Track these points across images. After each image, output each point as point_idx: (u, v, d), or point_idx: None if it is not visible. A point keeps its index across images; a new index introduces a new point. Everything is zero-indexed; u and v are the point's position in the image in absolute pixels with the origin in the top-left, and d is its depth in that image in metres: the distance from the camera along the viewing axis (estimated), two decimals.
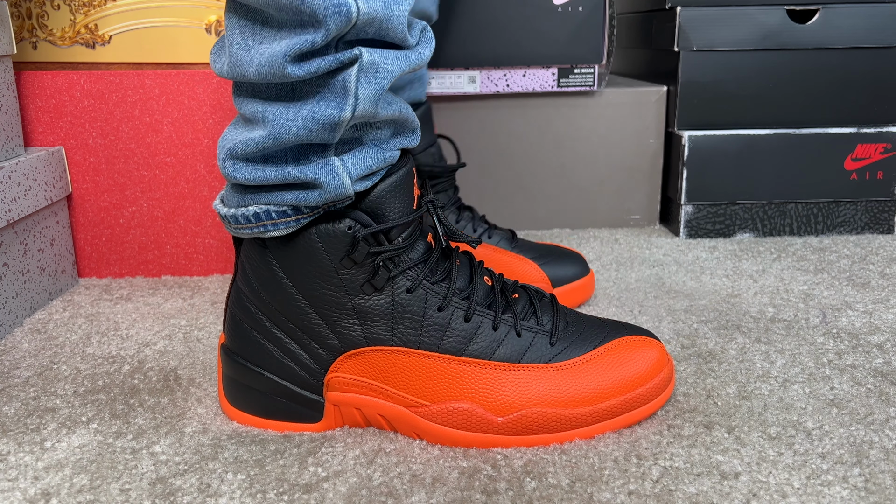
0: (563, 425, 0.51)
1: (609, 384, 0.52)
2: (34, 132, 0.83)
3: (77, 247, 0.87)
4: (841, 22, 0.96)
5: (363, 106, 0.47)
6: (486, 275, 0.56)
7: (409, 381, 0.52)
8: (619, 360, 0.53)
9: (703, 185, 0.99)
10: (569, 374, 0.52)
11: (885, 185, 0.99)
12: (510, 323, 0.53)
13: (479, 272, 0.55)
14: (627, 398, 0.52)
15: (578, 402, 0.52)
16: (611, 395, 0.52)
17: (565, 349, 0.53)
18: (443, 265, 0.54)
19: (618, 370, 0.53)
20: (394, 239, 0.51)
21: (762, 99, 0.99)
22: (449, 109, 1.01)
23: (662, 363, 0.54)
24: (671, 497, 0.46)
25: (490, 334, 0.52)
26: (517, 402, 0.51)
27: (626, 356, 0.53)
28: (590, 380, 0.52)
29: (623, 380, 0.53)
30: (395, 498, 0.46)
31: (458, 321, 0.52)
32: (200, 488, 0.47)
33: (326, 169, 0.48)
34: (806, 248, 0.95)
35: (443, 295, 0.52)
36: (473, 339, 0.52)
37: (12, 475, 0.49)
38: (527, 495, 0.46)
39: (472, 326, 0.52)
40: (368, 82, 0.46)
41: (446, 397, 0.52)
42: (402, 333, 0.52)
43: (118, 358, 0.66)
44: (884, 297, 0.78)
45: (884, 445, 0.51)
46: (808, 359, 0.64)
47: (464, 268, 0.55)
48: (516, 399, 0.51)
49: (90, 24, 0.83)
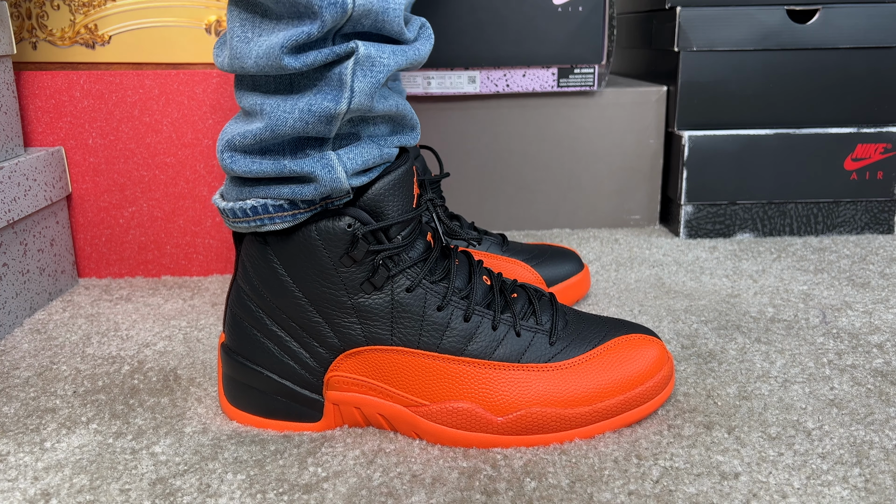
0: (563, 425, 0.51)
1: (608, 383, 0.52)
2: (34, 132, 0.83)
3: (77, 247, 0.87)
4: (841, 22, 0.96)
5: (359, 99, 0.47)
6: (485, 274, 0.56)
7: (408, 381, 0.52)
8: (618, 359, 0.53)
9: (703, 185, 0.99)
10: (568, 374, 0.52)
11: (885, 185, 0.99)
12: (509, 322, 0.53)
13: (477, 271, 0.55)
14: (627, 397, 0.52)
15: (578, 402, 0.52)
16: (610, 394, 0.52)
17: (564, 349, 0.53)
18: (442, 264, 0.54)
19: (617, 369, 0.53)
20: (393, 237, 0.51)
21: (762, 99, 0.99)
22: (449, 109, 1.01)
23: (662, 361, 0.54)
24: (671, 497, 0.46)
25: (489, 334, 0.52)
26: (517, 402, 0.51)
27: (625, 355, 0.53)
28: (589, 379, 0.52)
29: (622, 379, 0.53)
30: (395, 498, 0.46)
31: (458, 321, 0.52)
32: (200, 488, 0.47)
33: (322, 163, 0.48)
34: (806, 248, 0.95)
35: (442, 294, 0.52)
36: (473, 339, 0.52)
37: (12, 475, 0.49)
38: (527, 495, 0.46)
39: (472, 326, 0.52)
40: (364, 75, 0.46)
41: (446, 397, 0.52)
42: (402, 333, 0.52)
43: (118, 358, 0.66)
44: (884, 297, 0.78)
45: (884, 445, 0.51)
46: (808, 359, 0.64)
47: (462, 267, 0.55)
48: (516, 399, 0.51)
49: (90, 24, 0.83)
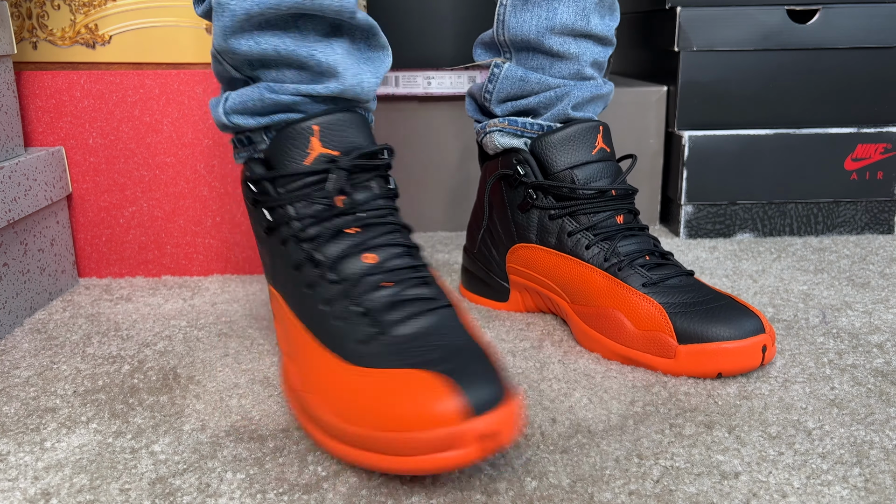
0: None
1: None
2: (34, 132, 0.83)
3: (77, 247, 0.87)
4: (841, 22, 0.96)
5: (216, 41, 0.55)
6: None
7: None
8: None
9: (703, 185, 0.99)
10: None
11: (885, 185, 0.99)
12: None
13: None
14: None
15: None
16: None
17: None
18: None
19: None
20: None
21: (762, 99, 0.99)
22: (449, 109, 1.01)
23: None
24: (671, 497, 0.46)
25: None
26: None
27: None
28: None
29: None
30: (394, 498, 0.46)
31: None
32: (200, 488, 0.47)
33: (215, 101, 0.59)
34: (806, 248, 0.95)
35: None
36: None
37: (12, 475, 0.49)
38: (527, 495, 0.46)
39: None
40: (217, 20, 0.54)
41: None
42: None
43: (118, 358, 0.66)
44: (884, 297, 0.78)
45: (884, 445, 0.51)
46: (808, 359, 0.64)
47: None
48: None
49: (90, 24, 0.83)
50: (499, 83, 0.71)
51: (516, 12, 0.69)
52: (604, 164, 0.68)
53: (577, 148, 0.67)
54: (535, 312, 0.75)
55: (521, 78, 0.70)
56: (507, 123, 0.71)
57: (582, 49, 0.69)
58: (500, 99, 0.72)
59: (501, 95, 0.72)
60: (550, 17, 0.68)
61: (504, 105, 0.72)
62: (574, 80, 0.70)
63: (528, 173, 0.69)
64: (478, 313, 0.76)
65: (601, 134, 0.69)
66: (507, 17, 0.70)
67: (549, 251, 0.69)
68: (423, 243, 1.01)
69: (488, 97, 0.73)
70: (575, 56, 0.69)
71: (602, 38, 0.70)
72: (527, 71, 0.70)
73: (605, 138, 0.69)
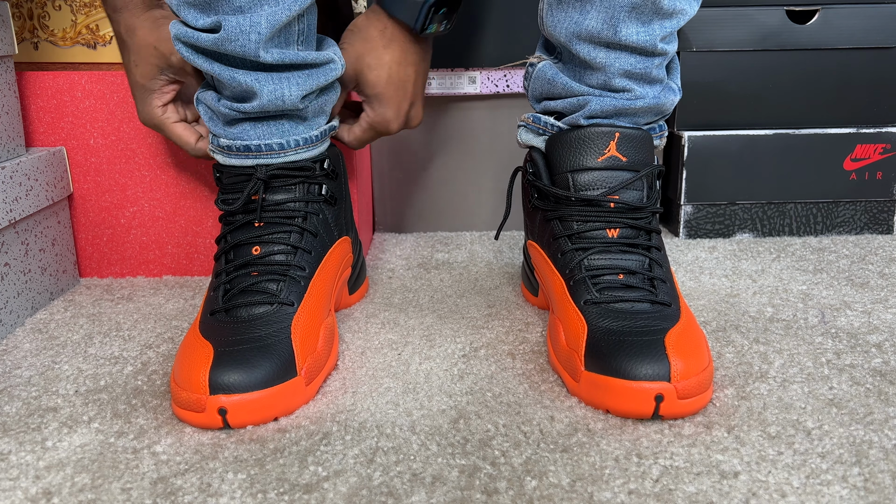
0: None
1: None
2: (35, 132, 0.83)
3: (78, 247, 0.87)
4: (841, 22, 0.96)
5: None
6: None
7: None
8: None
9: (702, 186, 0.99)
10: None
11: (885, 186, 0.99)
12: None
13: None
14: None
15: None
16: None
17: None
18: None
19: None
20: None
21: (762, 99, 0.99)
22: (449, 109, 1.02)
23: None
24: (671, 496, 0.46)
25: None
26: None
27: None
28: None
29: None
30: (395, 498, 0.46)
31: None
32: (201, 488, 0.48)
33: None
34: (805, 248, 0.95)
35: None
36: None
37: (14, 474, 0.49)
38: (527, 495, 0.46)
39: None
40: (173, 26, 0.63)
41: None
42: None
43: (120, 358, 0.67)
44: (883, 297, 0.78)
45: (883, 445, 0.51)
46: (806, 358, 0.64)
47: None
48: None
49: (91, 24, 0.83)
50: (532, 81, 0.71)
51: (552, 11, 0.67)
52: (610, 173, 0.65)
53: (583, 152, 0.65)
54: (545, 310, 0.76)
55: (550, 80, 0.69)
56: (531, 120, 0.71)
57: (611, 59, 0.64)
58: (534, 97, 0.72)
59: (535, 94, 0.72)
60: (580, 21, 0.64)
61: (540, 103, 0.72)
62: (600, 91, 0.66)
63: (536, 172, 0.69)
64: (477, 312, 0.76)
65: (615, 141, 0.65)
66: (545, 15, 0.68)
67: (541, 251, 0.69)
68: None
69: (527, 94, 0.73)
70: (602, 66, 0.65)
71: (637, 48, 0.63)
72: (557, 73, 0.68)
73: (621, 146, 0.65)
